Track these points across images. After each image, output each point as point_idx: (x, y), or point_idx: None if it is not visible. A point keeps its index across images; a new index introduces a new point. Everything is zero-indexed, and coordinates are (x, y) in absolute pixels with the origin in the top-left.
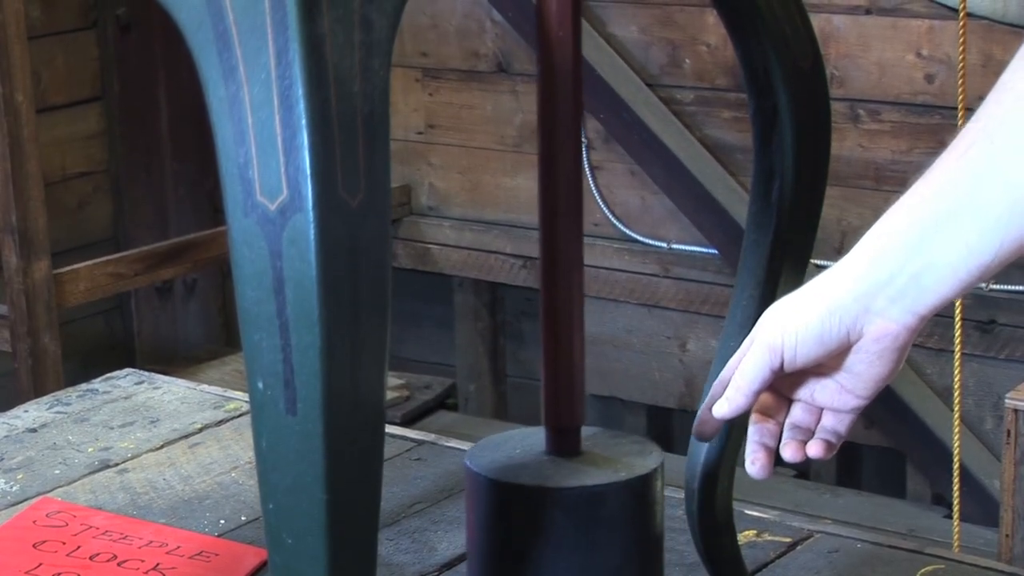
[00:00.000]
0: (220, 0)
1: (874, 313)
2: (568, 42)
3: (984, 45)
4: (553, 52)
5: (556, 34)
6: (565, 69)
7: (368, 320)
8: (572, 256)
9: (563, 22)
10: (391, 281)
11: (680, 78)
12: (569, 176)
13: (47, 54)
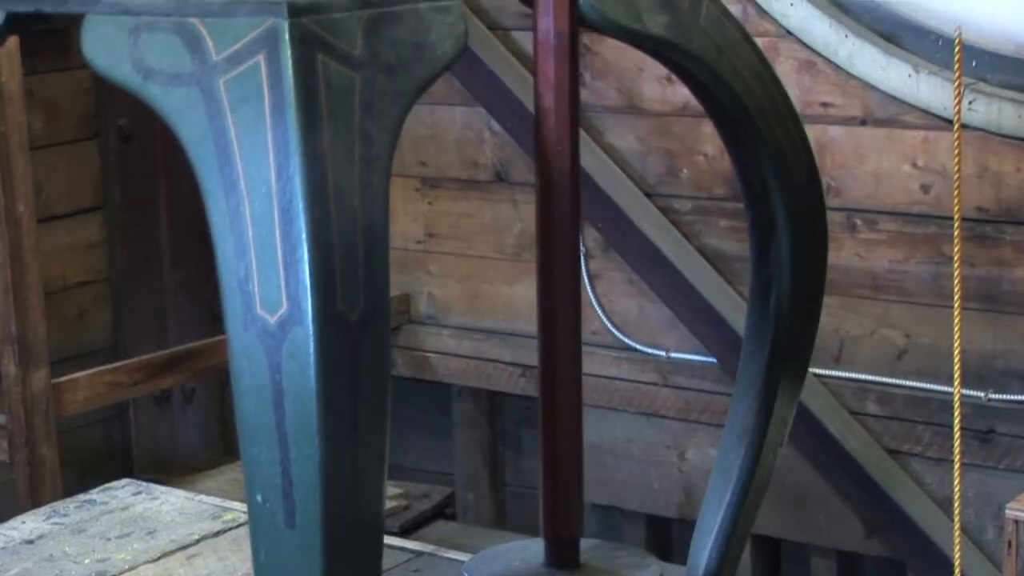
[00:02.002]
0: (222, 115)
1: None
2: (566, 155)
3: (979, 156)
4: (552, 165)
5: (555, 147)
6: (563, 182)
7: (367, 432)
8: (571, 365)
9: (561, 136)
10: (390, 391)
11: (678, 187)
12: (567, 286)
13: (49, 164)
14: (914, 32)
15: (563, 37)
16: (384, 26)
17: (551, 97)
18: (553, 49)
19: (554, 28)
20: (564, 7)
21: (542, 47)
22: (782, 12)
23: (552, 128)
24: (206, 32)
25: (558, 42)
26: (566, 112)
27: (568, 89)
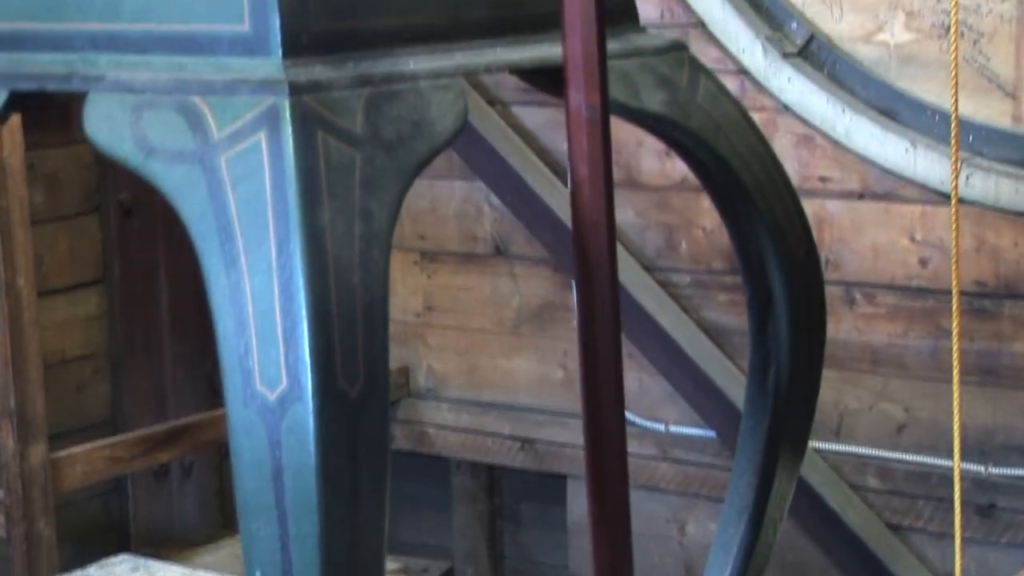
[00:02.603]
0: (223, 192)
1: None
2: (603, 225)
3: (977, 230)
4: (589, 236)
5: (591, 218)
6: (601, 253)
7: (367, 508)
8: (618, 446)
9: (597, 206)
10: (389, 466)
11: (677, 261)
12: (611, 361)
13: (49, 238)
14: (911, 107)
15: (595, 110)
16: (384, 103)
17: (585, 168)
18: (586, 122)
19: (586, 101)
20: (595, 80)
21: (574, 120)
22: (780, 87)
23: (588, 199)
24: (208, 110)
25: (590, 114)
26: (601, 183)
27: (602, 159)
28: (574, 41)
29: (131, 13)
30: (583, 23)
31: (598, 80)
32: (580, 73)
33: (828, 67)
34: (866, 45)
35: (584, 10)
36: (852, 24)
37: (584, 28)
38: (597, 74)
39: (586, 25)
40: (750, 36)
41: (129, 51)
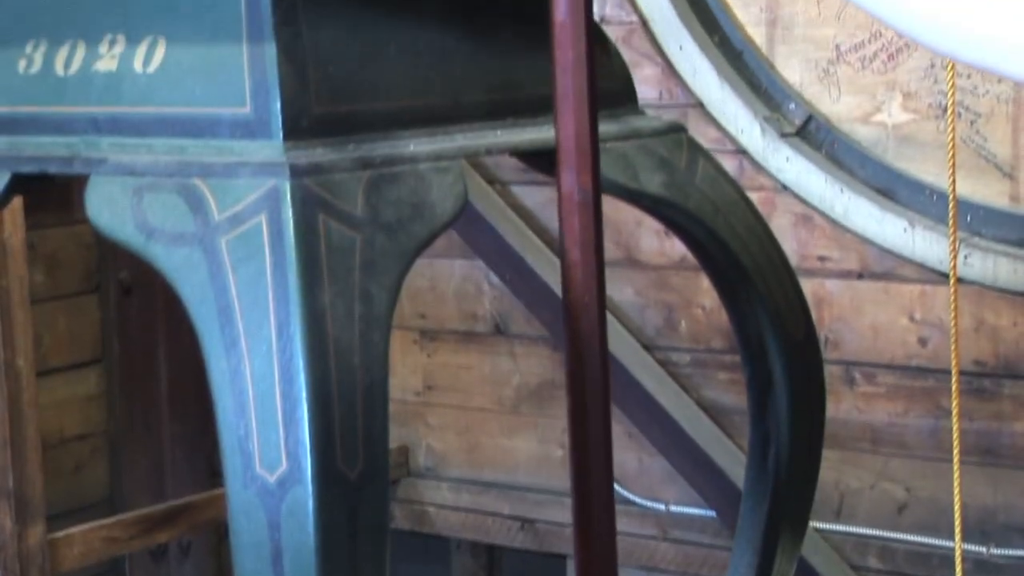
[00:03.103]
0: (224, 275)
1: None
2: (594, 307)
3: (976, 309)
4: (579, 318)
5: (582, 300)
6: (592, 334)
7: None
8: (606, 526)
9: (588, 288)
10: (389, 547)
11: (676, 340)
12: (600, 443)
13: (49, 317)
14: (909, 187)
15: (587, 193)
16: (384, 186)
17: (577, 251)
18: (577, 204)
19: (578, 184)
20: (587, 164)
21: (566, 202)
22: (778, 167)
23: (579, 281)
24: (209, 192)
25: (582, 198)
26: (592, 264)
27: (594, 242)
28: (567, 124)
29: (132, 96)
30: (575, 106)
31: (590, 163)
32: (572, 156)
33: (826, 147)
34: (864, 125)
35: (577, 94)
36: (850, 105)
37: (577, 111)
38: (589, 157)
39: (579, 108)
40: (748, 116)
41: (130, 134)
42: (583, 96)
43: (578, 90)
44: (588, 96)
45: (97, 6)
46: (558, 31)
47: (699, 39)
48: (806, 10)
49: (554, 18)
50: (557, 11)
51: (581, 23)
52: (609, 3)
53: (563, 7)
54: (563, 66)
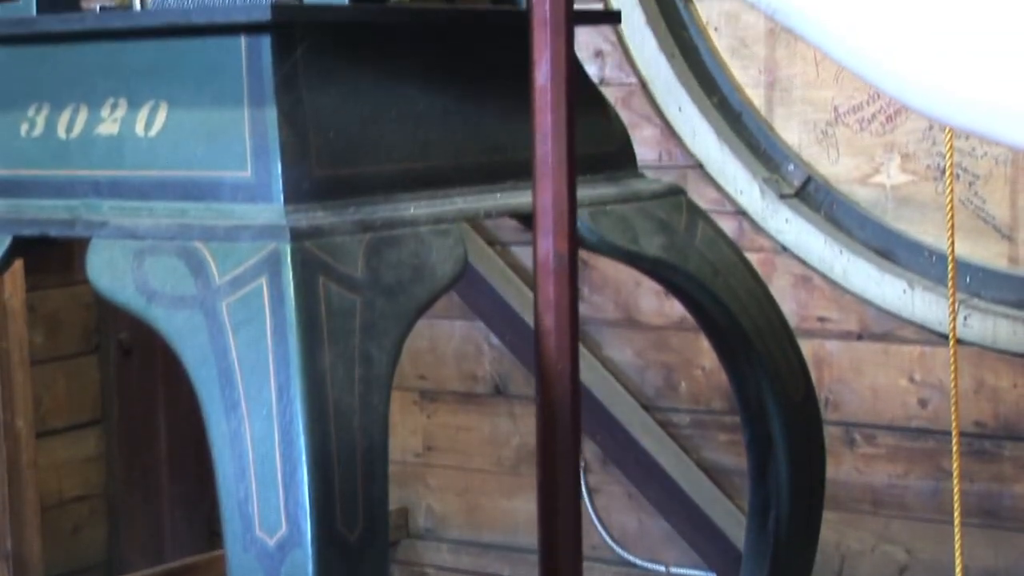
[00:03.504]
0: (224, 338)
1: None
2: (567, 374)
3: (975, 371)
4: (552, 384)
5: (555, 366)
6: (564, 401)
7: None
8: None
9: (562, 355)
10: None
11: (676, 401)
12: (569, 509)
13: (48, 378)
14: (908, 248)
15: (563, 259)
16: (385, 249)
17: (551, 317)
18: (553, 270)
19: (554, 249)
20: (564, 229)
21: (542, 268)
22: (777, 228)
23: (552, 348)
24: (209, 255)
25: (558, 263)
26: (566, 331)
27: (568, 309)
28: (544, 189)
29: (134, 160)
30: (554, 171)
31: (567, 229)
32: (549, 221)
33: (825, 208)
34: (863, 187)
35: (556, 158)
36: (848, 166)
37: (555, 176)
38: (567, 222)
39: (557, 173)
40: (748, 177)
41: (132, 197)
42: (562, 161)
43: (557, 155)
44: (567, 161)
45: (99, 71)
46: (538, 96)
47: (698, 100)
48: (804, 72)
49: (535, 82)
50: (538, 76)
51: (562, 88)
52: (609, 65)
53: (544, 72)
54: (542, 131)
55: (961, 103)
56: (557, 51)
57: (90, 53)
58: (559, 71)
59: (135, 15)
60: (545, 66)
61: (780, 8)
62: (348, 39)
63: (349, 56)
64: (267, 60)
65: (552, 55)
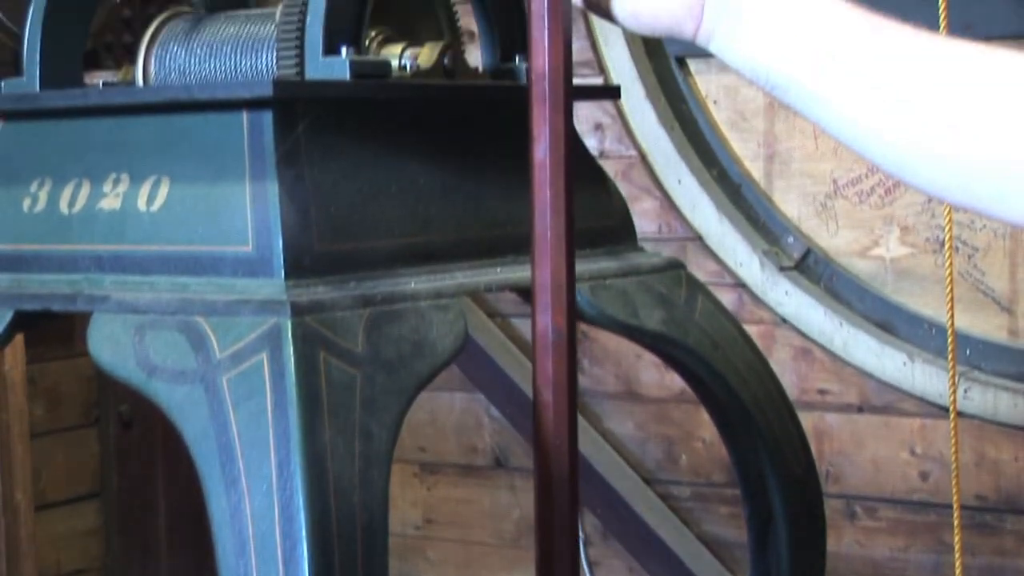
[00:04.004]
0: (225, 413)
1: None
2: (565, 449)
3: (977, 444)
4: (550, 458)
5: (553, 441)
6: (562, 476)
7: None
8: None
9: (560, 430)
10: None
11: (677, 474)
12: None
13: (48, 451)
14: (908, 320)
15: (561, 334)
16: (385, 324)
17: (549, 392)
18: (551, 345)
19: (552, 325)
20: (562, 304)
21: (540, 343)
22: (777, 300)
23: (551, 422)
24: (210, 330)
25: (556, 338)
26: (564, 407)
27: (566, 384)
28: (543, 264)
29: (136, 235)
30: (553, 247)
31: (565, 304)
32: (548, 296)
33: (825, 280)
34: (862, 259)
35: (554, 234)
36: (848, 239)
37: (554, 252)
38: (565, 298)
39: (556, 249)
40: (747, 250)
41: (133, 272)
42: (560, 237)
43: (556, 231)
44: (565, 237)
45: (102, 146)
46: (537, 170)
47: (698, 173)
48: (803, 145)
49: (534, 158)
50: (536, 150)
51: (560, 163)
52: (608, 138)
53: (543, 147)
54: (541, 206)
55: (958, 181)
56: (556, 127)
57: (93, 128)
58: (558, 147)
59: (138, 91)
60: (544, 142)
61: (779, 84)
62: (350, 114)
63: (351, 131)
64: (269, 136)
65: (551, 131)
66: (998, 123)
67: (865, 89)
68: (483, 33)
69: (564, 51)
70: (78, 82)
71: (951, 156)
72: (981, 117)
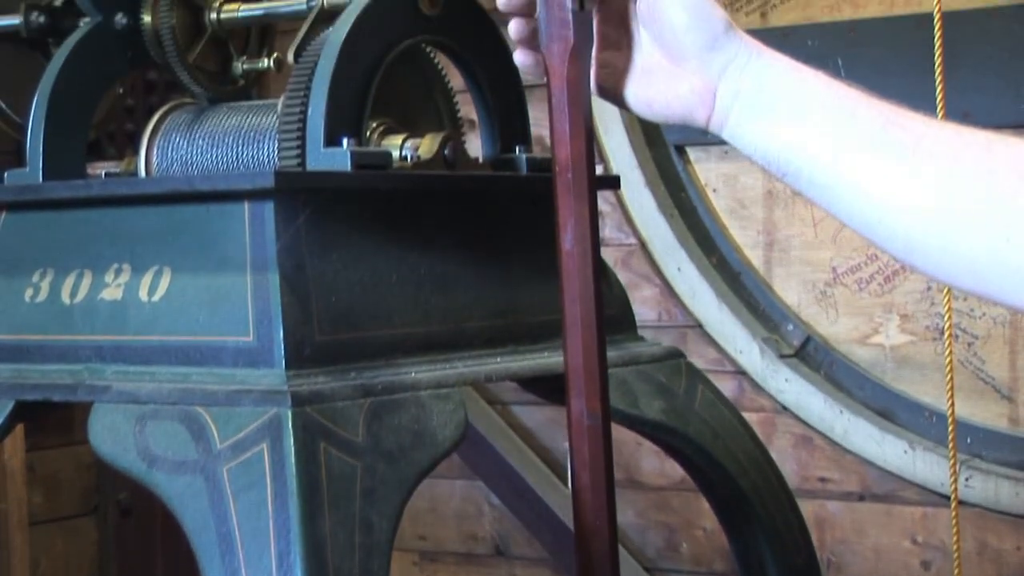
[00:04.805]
0: (225, 503)
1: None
2: (605, 531)
3: (978, 532)
4: (590, 542)
5: (593, 524)
6: (603, 559)
7: None
8: None
9: (599, 512)
10: None
11: (678, 562)
12: None
13: (47, 540)
14: (909, 408)
15: (596, 417)
16: (386, 414)
17: (587, 475)
18: (588, 429)
19: (587, 409)
20: (596, 389)
21: (576, 427)
22: (778, 388)
23: (589, 506)
24: (211, 420)
25: (592, 422)
26: (603, 488)
27: (603, 466)
28: (575, 349)
29: (137, 325)
30: (584, 333)
31: (599, 388)
32: (581, 381)
33: (825, 368)
34: (862, 347)
35: (585, 321)
36: (847, 326)
37: (585, 338)
38: (598, 382)
39: (587, 335)
40: (747, 337)
41: (134, 362)
42: (591, 323)
43: (586, 317)
44: (596, 323)
45: (104, 236)
46: (565, 260)
47: (697, 260)
48: (802, 232)
49: (562, 247)
50: (564, 240)
51: (587, 251)
52: (609, 225)
53: (570, 237)
54: (571, 295)
55: (962, 265)
56: (582, 216)
57: (95, 219)
58: (584, 236)
59: (140, 182)
60: (570, 232)
61: (790, 171)
62: (351, 205)
63: (351, 221)
64: (270, 226)
65: (576, 220)
66: (1005, 211)
67: (878, 176)
68: (483, 123)
69: (586, 141)
70: (81, 172)
71: (960, 243)
72: (989, 205)
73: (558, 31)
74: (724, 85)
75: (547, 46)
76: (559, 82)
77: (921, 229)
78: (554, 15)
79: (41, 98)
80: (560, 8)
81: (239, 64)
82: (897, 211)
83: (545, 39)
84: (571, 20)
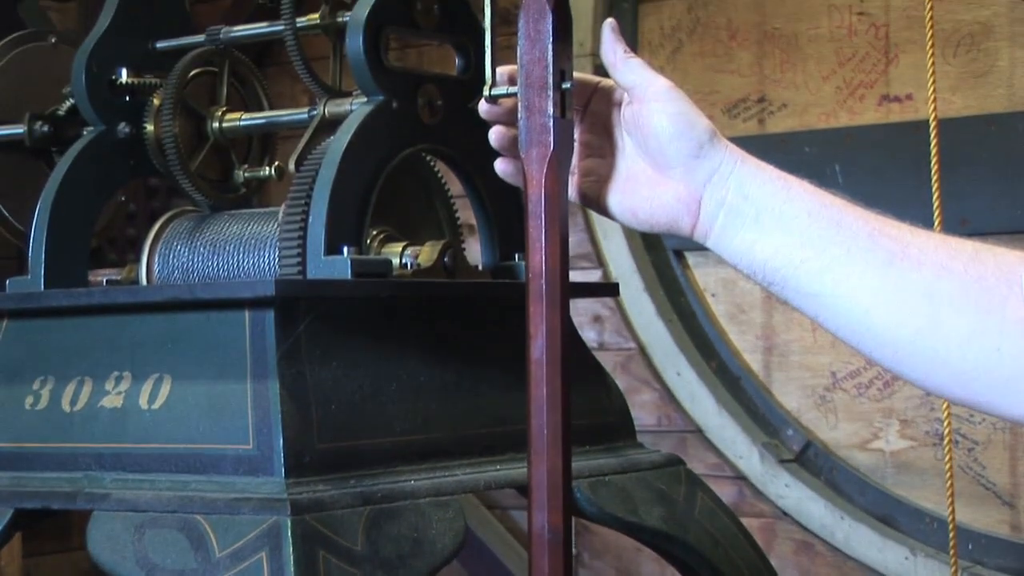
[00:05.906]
0: None
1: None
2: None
3: None
4: None
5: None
6: None
7: None
8: None
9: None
10: None
11: None
12: None
13: None
14: (909, 514)
15: (557, 533)
16: (385, 522)
17: None
18: (547, 543)
19: (548, 524)
20: (559, 503)
21: (536, 540)
22: (778, 493)
23: None
24: (210, 529)
25: (552, 537)
26: None
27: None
28: (539, 463)
29: (137, 433)
30: (549, 445)
31: (562, 503)
32: (544, 495)
33: (825, 473)
34: (862, 452)
35: (551, 432)
36: (847, 432)
37: (550, 450)
38: (561, 497)
39: (552, 447)
40: (747, 442)
41: (134, 470)
42: (557, 436)
43: (552, 429)
44: (562, 435)
45: (105, 344)
46: (534, 367)
47: (697, 365)
48: (801, 337)
49: (530, 356)
50: (533, 348)
51: (557, 361)
52: (607, 330)
53: (539, 345)
54: (537, 403)
55: (956, 377)
56: (553, 325)
57: (96, 327)
58: (554, 345)
59: (141, 290)
60: (540, 340)
61: (775, 280)
62: (351, 313)
63: (352, 329)
64: (270, 334)
65: (547, 329)
66: (994, 321)
67: (864, 287)
68: (482, 231)
69: (560, 249)
70: (82, 280)
71: (950, 355)
72: (979, 316)
73: (538, 137)
74: (709, 194)
75: (526, 152)
76: (536, 189)
77: (908, 340)
78: (534, 122)
79: (43, 206)
80: (540, 114)
81: (241, 172)
82: (884, 323)
83: (524, 145)
84: (551, 127)
